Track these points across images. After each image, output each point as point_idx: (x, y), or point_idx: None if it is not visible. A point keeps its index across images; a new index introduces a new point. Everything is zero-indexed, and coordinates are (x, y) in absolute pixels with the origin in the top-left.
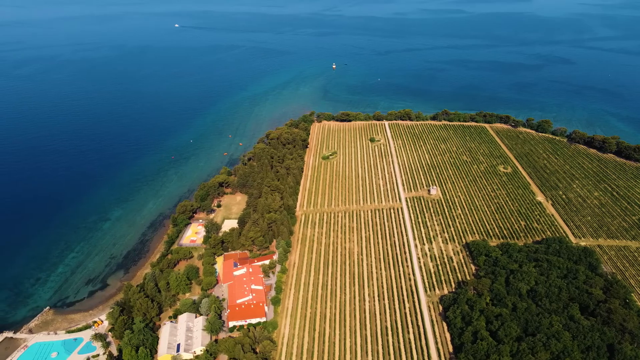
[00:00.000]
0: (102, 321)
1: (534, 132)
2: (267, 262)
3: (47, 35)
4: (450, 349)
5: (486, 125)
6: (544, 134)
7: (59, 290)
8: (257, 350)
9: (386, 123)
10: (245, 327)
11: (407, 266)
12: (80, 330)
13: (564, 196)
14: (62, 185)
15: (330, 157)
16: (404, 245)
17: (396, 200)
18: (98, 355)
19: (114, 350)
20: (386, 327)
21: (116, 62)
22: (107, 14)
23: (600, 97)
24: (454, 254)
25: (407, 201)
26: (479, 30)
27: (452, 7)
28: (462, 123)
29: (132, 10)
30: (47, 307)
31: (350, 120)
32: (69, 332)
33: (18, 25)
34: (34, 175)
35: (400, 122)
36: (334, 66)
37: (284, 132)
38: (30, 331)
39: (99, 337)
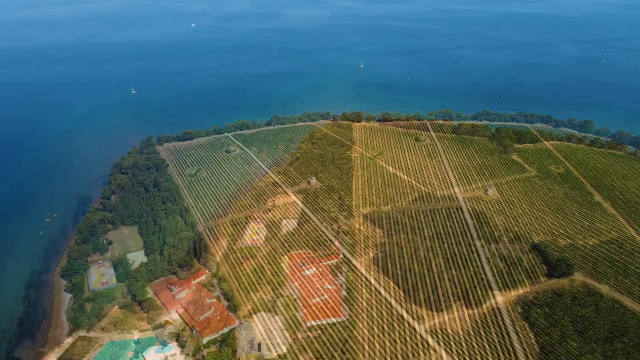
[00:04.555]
0: (173, 320)
1: (576, 132)
2: (334, 261)
3: (63, 36)
4: (537, 349)
5: (528, 125)
6: (587, 134)
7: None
8: (342, 350)
9: (428, 123)
10: (322, 326)
11: (477, 266)
12: (153, 329)
13: (621, 197)
14: None
15: (377, 157)
16: (469, 245)
17: (453, 200)
18: (175, 354)
19: (189, 349)
20: (467, 328)
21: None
22: (122, 14)
23: (634, 97)
24: (523, 254)
25: (464, 201)
26: (501, 30)
27: (469, 7)
28: (503, 123)
29: (146, 11)
30: (116, 306)
31: (390, 120)
32: (141, 331)
33: (34, 25)
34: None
35: (441, 121)
36: (361, 66)
37: (329, 132)
38: (103, 330)
39: (173, 336)
